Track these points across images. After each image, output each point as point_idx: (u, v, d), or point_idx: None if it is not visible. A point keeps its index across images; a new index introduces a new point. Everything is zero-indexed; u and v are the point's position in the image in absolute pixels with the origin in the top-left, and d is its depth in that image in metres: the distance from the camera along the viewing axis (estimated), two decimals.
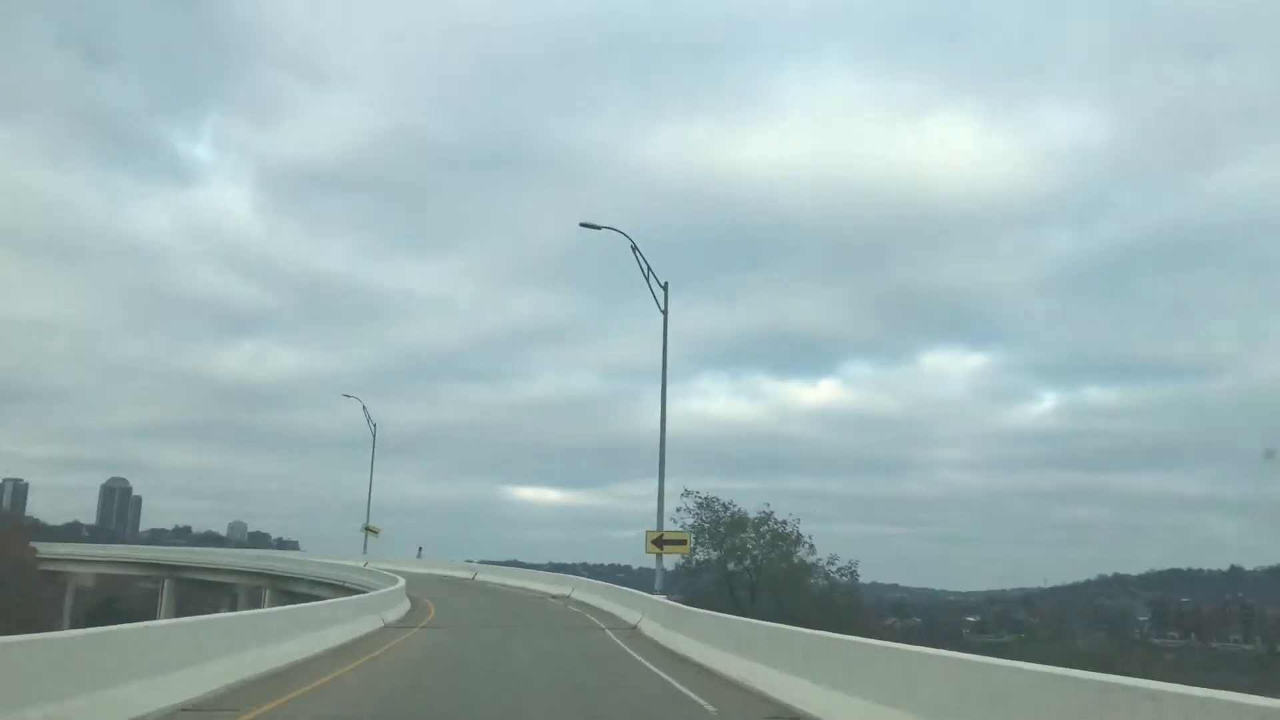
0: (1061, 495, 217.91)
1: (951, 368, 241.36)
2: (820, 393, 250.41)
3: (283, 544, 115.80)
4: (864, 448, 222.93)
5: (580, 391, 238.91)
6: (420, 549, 62.42)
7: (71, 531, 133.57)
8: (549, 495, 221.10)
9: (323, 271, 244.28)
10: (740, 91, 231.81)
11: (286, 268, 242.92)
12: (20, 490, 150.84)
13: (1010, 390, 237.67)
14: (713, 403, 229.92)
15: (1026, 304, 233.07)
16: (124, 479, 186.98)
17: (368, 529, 62.07)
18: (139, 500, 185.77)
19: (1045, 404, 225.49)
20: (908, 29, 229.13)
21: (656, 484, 30.22)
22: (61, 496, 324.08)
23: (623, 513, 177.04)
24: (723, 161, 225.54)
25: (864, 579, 55.19)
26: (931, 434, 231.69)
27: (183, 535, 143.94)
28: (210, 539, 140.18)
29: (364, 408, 63.27)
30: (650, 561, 31.50)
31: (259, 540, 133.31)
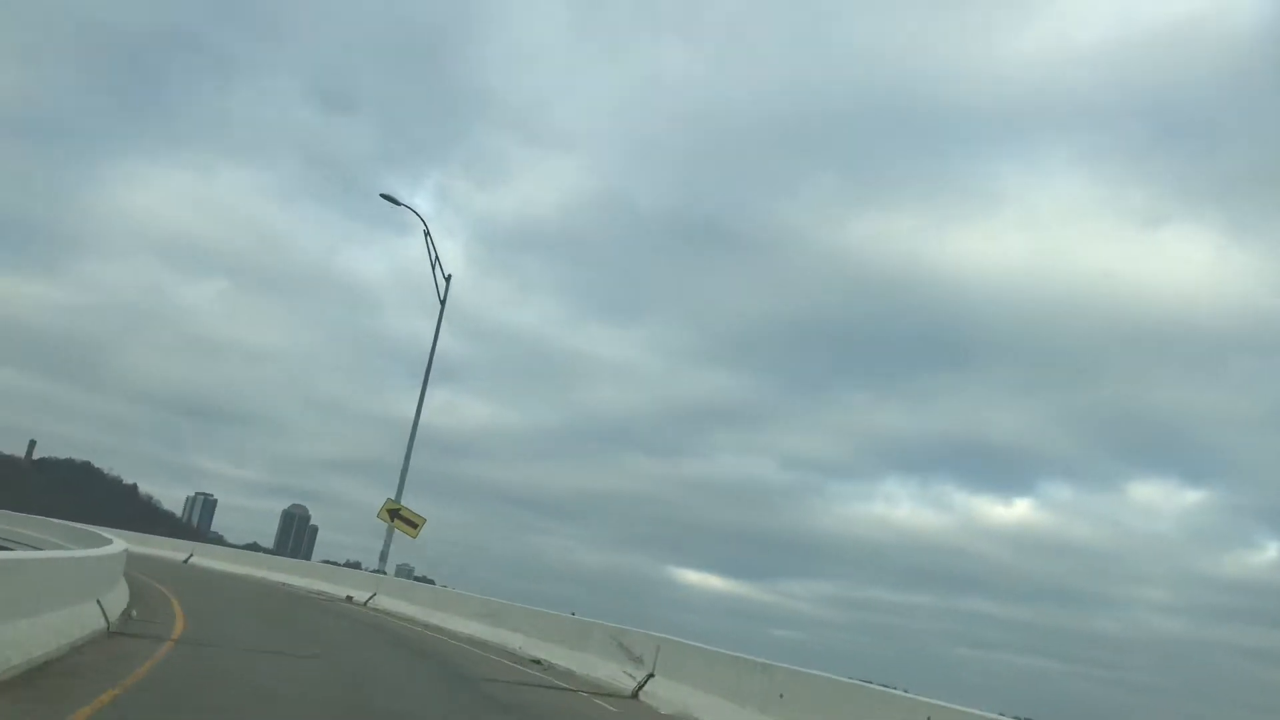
0: (1275, 656, 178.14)
1: (1163, 501, 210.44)
2: (1013, 511, 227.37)
3: None
4: (1052, 576, 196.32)
5: (755, 477, 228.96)
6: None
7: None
8: (711, 581, 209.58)
9: (517, 328, 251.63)
10: (953, 185, 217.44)
11: (485, 322, 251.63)
12: (209, 505, 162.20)
13: (1228, 533, 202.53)
14: (896, 508, 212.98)
15: (1256, 439, 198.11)
16: (304, 506, 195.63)
17: (394, 512, 33.06)
18: (315, 529, 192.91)
19: (1268, 553, 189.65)
20: (1147, 132, 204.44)
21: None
22: (248, 518, 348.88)
23: (783, 611, 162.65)
24: (927, 255, 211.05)
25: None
26: (1131, 570, 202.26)
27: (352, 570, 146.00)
28: None
29: (427, 235, 35.00)
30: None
31: None
